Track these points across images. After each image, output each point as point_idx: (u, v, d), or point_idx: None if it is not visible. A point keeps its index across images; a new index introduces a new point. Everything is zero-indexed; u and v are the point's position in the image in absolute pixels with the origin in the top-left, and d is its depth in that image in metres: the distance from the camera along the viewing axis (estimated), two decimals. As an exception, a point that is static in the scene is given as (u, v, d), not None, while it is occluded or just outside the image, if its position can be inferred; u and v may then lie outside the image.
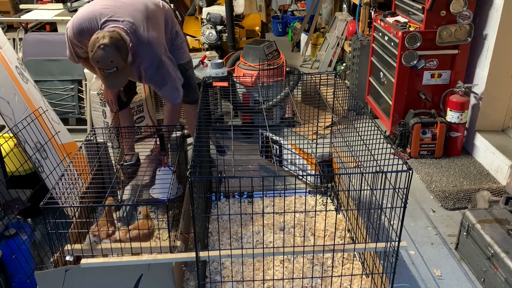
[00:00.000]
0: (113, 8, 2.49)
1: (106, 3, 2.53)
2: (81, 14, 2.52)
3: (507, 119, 3.61)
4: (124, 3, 2.54)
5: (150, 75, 2.59)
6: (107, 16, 2.46)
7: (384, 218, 1.93)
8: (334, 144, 2.89)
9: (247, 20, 5.08)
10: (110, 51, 2.27)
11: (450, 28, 3.36)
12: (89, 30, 2.47)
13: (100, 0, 2.59)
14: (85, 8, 2.56)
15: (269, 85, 3.78)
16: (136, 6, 2.56)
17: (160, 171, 2.64)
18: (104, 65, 2.30)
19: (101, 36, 2.28)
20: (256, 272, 2.29)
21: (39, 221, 2.34)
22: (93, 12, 2.48)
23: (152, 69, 2.57)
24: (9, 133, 2.39)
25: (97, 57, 2.28)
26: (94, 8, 2.51)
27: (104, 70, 2.32)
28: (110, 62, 2.29)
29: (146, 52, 2.52)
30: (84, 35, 2.50)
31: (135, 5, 2.56)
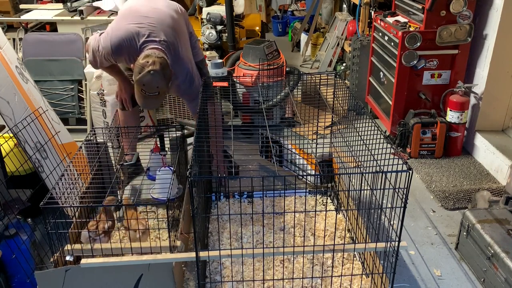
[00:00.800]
0: (148, 26, 2.55)
1: (139, 20, 2.57)
2: (119, 33, 2.55)
3: (507, 119, 3.61)
4: (155, 19, 2.59)
5: (184, 89, 2.71)
6: (144, 36, 2.52)
7: (384, 218, 1.93)
8: (334, 144, 2.89)
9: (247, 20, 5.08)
10: (158, 78, 2.36)
11: (450, 28, 3.36)
12: (128, 49, 2.55)
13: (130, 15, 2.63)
14: (119, 26, 2.59)
15: (269, 85, 3.78)
16: (165, 21, 2.62)
17: (160, 171, 2.64)
18: (149, 89, 2.39)
19: (151, 62, 2.35)
20: (256, 272, 2.29)
21: (39, 221, 2.34)
22: (131, 32, 2.54)
23: (185, 85, 2.68)
24: (9, 133, 2.39)
25: (145, 81, 2.36)
26: (130, 26, 2.56)
27: (146, 92, 2.41)
28: (156, 88, 2.39)
29: (180, 69, 2.63)
30: (122, 54, 2.59)
31: (164, 20, 2.62)
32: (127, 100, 2.94)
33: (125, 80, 2.90)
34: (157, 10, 2.66)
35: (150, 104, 2.56)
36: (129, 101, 2.94)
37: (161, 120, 4.25)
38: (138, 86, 2.42)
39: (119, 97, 2.95)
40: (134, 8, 2.70)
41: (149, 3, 2.72)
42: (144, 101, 2.48)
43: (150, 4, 2.71)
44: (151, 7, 2.67)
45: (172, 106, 4.16)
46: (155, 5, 2.70)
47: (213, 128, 2.77)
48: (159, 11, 2.65)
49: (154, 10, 2.65)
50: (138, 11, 2.64)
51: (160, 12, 2.66)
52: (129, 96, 2.93)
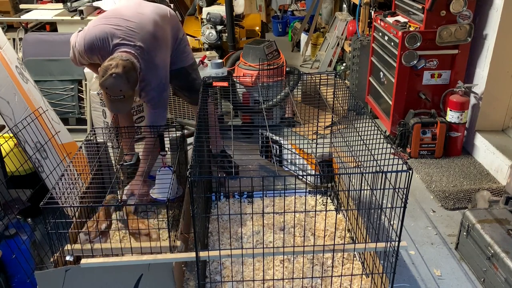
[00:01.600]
0: (125, 30, 2.50)
1: (117, 22, 2.52)
2: (94, 31, 2.52)
3: (507, 119, 3.61)
4: (136, 24, 2.53)
5: (152, 96, 2.60)
6: (119, 39, 2.47)
7: (384, 218, 1.93)
8: (334, 144, 2.89)
9: (247, 20, 5.08)
10: (121, 81, 2.30)
11: (450, 28, 3.36)
12: (100, 49, 2.50)
13: (112, 16, 2.58)
14: (97, 26, 2.54)
15: (269, 85, 3.78)
16: (146, 27, 2.55)
17: (160, 171, 2.64)
18: (112, 92, 2.34)
19: (114, 64, 2.30)
20: (256, 272, 2.29)
21: (39, 221, 2.34)
22: (106, 32, 2.49)
23: (155, 92, 2.59)
24: (9, 133, 2.39)
25: (107, 84, 2.31)
26: (106, 27, 2.51)
27: (111, 96, 2.36)
28: (119, 91, 2.33)
29: (153, 76, 2.55)
30: (94, 53, 2.54)
31: (145, 26, 2.55)
32: None
33: None
34: (141, 15, 2.59)
35: (117, 108, 2.48)
36: None
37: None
38: (103, 90, 2.38)
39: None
40: (118, 10, 2.65)
41: (136, 8, 2.66)
42: (110, 105, 2.42)
43: (136, 9, 2.64)
44: (136, 12, 2.61)
45: (172, 106, 4.16)
46: (141, 10, 2.64)
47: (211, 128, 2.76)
48: (142, 17, 2.59)
49: (138, 15, 2.58)
50: (120, 13, 2.59)
51: (143, 17, 2.59)
52: None
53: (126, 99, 2.39)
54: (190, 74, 2.96)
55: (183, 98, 3.36)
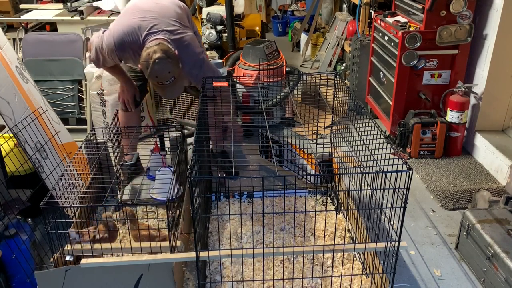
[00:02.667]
0: (150, 19, 2.56)
1: (140, 15, 2.59)
2: (121, 28, 2.57)
3: (507, 119, 3.61)
4: (157, 13, 2.61)
5: (196, 75, 2.67)
6: (146, 29, 2.54)
7: (384, 218, 1.93)
8: (334, 144, 2.89)
9: (247, 20, 5.08)
10: (165, 63, 2.35)
11: (450, 28, 3.36)
12: (131, 43, 2.57)
13: (132, 11, 2.65)
14: (121, 23, 2.60)
15: (269, 85, 3.77)
16: (168, 13, 2.64)
17: (160, 171, 2.64)
18: (162, 78, 2.38)
19: (152, 51, 2.35)
20: (256, 272, 2.29)
21: (39, 221, 2.34)
22: (133, 26, 2.55)
23: (196, 69, 2.66)
24: (9, 133, 2.39)
25: (155, 72, 2.36)
26: (132, 21, 2.57)
27: (163, 83, 2.41)
28: (168, 73, 2.38)
29: (187, 54, 2.61)
30: (125, 49, 2.60)
31: (166, 13, 2.64)
32: (129, 101, 2.94)
33: (127, 81, 2.90)
34: (160, 5, 2.68)
35: (171, 93, 2.55)
36: (132, 102, 2.95)
37: (161, 120, 4.25)
38: (153, 81, 2.43)
39: (121, 98, 2.95)
40: (136, 4, 2.71)
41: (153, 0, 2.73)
42: (164, 92, 2.49)
43: (153, 0, 2.72)
44: (154, 2, 2.69)
45: (172, 106, 4.16)
46: (158, 1, 2.72)
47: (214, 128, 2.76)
48: (161, 6, 2.67)
49: (157, 5, 2.66)
50: (140, 6, 2.66)
51: (163, 6, 2.67)
52: (132, 97, 2.93)
53: (177, 80, 2.46)
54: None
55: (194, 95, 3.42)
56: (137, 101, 3.02)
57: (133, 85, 2.95)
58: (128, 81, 2.90)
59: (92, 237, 2.09)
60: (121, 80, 2.91)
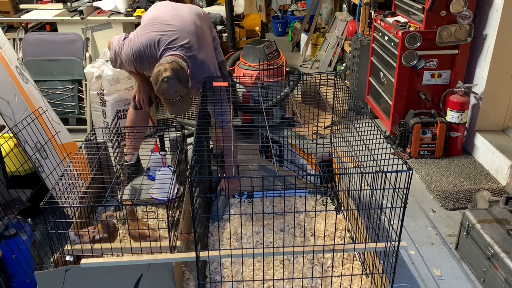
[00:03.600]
0: (169, 33, 2.60)
1: (160, 28, 2.62)
2: (140, 40, 2.61)
3: (507, 119, 3.61)
4: (177, 27, 2.63)
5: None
6: (165, 44, 2.57)
7: (384, 218, 1.93)
8: (334, 144, 2.89)
9: (247, 20, 5.08)
10: (173, 83, 2.40)
11: (450, 28, 3.36)
12: (148, 57, 2.61)
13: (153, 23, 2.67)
14: (142, 35, 2.63)
15: (269, 85, 3.77)
16: (188, 27, 2.66)
17: (160, 171, 2.64)
18: (169, 96, 2.44)
19: (162, 69, 2.39)
20: (256, 272, 2.29)
21: (39, 221, 2.34)
22: (152, 39, 2.59)
23: None
24: (9, 133, 2.39)
25: (162, 90, 2.41)
26: (151, 34, 2.60)
27: (169, 100, 2.46)
28: (174, 93, 2.43)
29: (202, 73, 2.65)
30: (143, 61, 2.64)
31: (185, 27, 2.66)
32: (144, 101, 2.96)
33: (143, 81, 2.92)
34: (180, 17, 2.69)
35: (178, 110, 2.60)
36: (147, 101, 2.98)
37: (161, 120, 4.25)
38: (160, 96, 2.48)
39: (136, 98, 2.98)
40: (157, 16, 2.73)
41: (173, 10, 2.75)
42: (171, 108, 2.54)
43: (174, 12, 2.74)
44: (174, 14, 2.70)
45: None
46: (179, 12, 2.74)
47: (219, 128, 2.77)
48: (181, 18, 2.69)
49: (177, 18, 2.68)
50: (160, 18, 2.68)
51: (183, 19, 2.69)
52: (147, 96, 2.97)
53: (184, 99, 2.50)
54: (221, 69, 3.06)
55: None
56: (151, 101, 3.06)
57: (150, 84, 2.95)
58: (144, 80, 2.92)
59: (92, 237, 2.09)
60: (138, 79, 2.93)
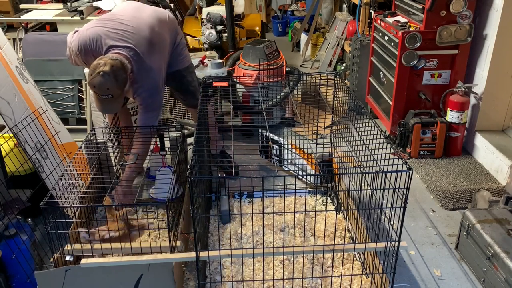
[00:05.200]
0: (119, 32, 2.50)
1: (112, 25, 2.53)
2: (87, 33, 2.52)
3: (507, 119, 3.61)
4: (131, 28, 2.53)
5: (144, 98, 2.59)
6: (112, 41, 2.47)
7: (384, 218, 1.93)
8: (334, 144, 2.89)
9: (247, 20, 5.08)
10: (108, 79, 2.30)
11: (450, 28, 3.36)
12: (93, 51, 2.51)
13: (106, 20, 2.58)
14: (91, 28, 2.55)
15: (269, 85, 3.78)
16: (142, 31, 2.55)
17: (160, 171, 2.64)
18: (100, 90, 2.33)
19: (102, 63, 2.30)
20: (256, 272, 2.29)
21: (39, 221, 2.34)
22: (99, 34, 2.49)
23: (147, 94, 2.58)
24: (9, 133, 2.39)
25: (95, 83, 2.31)
26: (99, 29, 2.51)
27: (99, 95, 2.36)
28: (106, 89, 2.33)
29: (146, 79, 2.54)
30: (88, 55, 2.54)
31: (140, 30, 2.55)
32: None
33: None
34: (138, 19, 2.59)
35: (105, 108, 2.48)
36: None
37: (161, 120, 4.25)
38: (91, 88, 2.38)
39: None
40: (114, 14, 2.66)
41: (134, 12, 2.65)
42: (99, 104, 2.42)
43: (134, 12, 2.64)
44: (132, 15, 2.61)
45: (172, 106, 4.16)
46: (138, 14, 2.64)
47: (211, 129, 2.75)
48: (138, 21, 2.58)
49: (134, 19, 2.58)
50: (117, 16, 2.59)
51: (140, 21, 2.58)
52: None
53: (115, 99, 2.39)
54: (185, 76, 2.95)
55: (179, 100, 3.35)
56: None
57: None
58: None
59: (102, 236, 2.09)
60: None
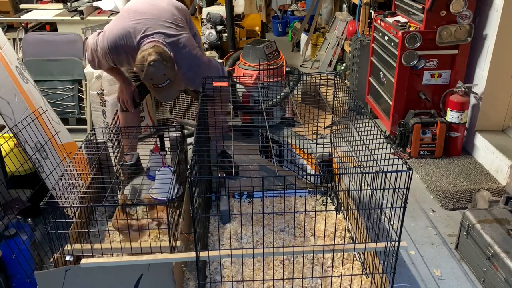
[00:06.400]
0: (144, 21, 2.54)
1: (135, 17, 2.57)
2: (115, 31, 2.55)
3: (507, 119, 3.61)
4: (153, 15, 2.58)
5: (192, 78, 2.64)
6: (141, 32, 2.51)
7: (384, 218, 1.93)
8: (334, 144, 2.89)
9: (247, 20, 5.08)
10: (160, 65, 2.34)
11: (450, 28, 3.36)
12: (125, 47, 2.55)
13: (127, 13, 2.63)
14: (116, 26, 2.58)
15: (269, 85, 3.77)
16: (164, 16, 2.61)
17: (160, 171, 2.64)
18: (158, 80, 2.37)
19: (147, 54, 2.34)
20: (256, 272, 2.29)
21: (39, 221, 2.34)
22: (127, 29, 2.53)
23: (191, 72, 2.63)
24: (9, 133, 2.39)
25: (150, 75, 2.35)
26: (126, 24, 2.55)
27: (158, 86, 2.40)
28: (163, 76, 2.37)
29: (183, 57, 2.59)
30: (120, 52, 2.58)
31: (162, 15, 2.61)
32: (128, 102, 2.93)
33: (125, 81, 2.90)
34: (155, 6, 2.65)
35: (167, 96, 2.54)
36: (131, 102, 2.94)
37: (161, 120, 4.25)
38: (148, 83, 2.42)
39: (120, 99, 2.95)
40: (131, 7, 2.69)
41: (149, 2, 2.71)
42: (160, 95, 2.48)
43: (149, 2, 2.70)
44: (150, 5, 2.66)
45: (172, 106, 4.16)
46: (155, 3, 2.69)
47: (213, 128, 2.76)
48: (157, 7, 2.64)
49: (152, 7, 2.64)
50: (135, 9, 2.64)
51: (159, 8, 2.65)
52: (131, 97, 2.93)
53: (173, 83, 2.44)
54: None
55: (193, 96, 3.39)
56: (136, 102, 3.01)
57: (132, 85, 2.94)
58: (126, 81, 2.90)
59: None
60: (119, 80, 2.90)
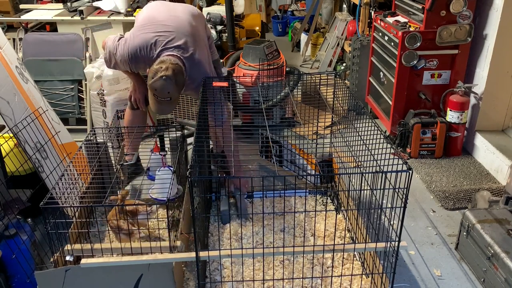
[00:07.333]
0: (166, 34, 2.58)
1: (156, 29, 2.61)
2: (137, 41, 2.60)
3: (507, 119, 3.61)
4: (173, 27, 2.62)
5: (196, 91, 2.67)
6: (162, 45, 2.56)
7: (384, 218, 1.93)
8: (334, 144, 2.89)
9: (247, 20, 5.08)
10: (170, 84, 2.39)
11: (450, 28, 3.36)
12: (145, 57, 2.61)
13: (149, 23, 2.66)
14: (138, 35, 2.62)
15: (269, 85, 3.77)
16: (184, 28, 2.65)
17: (160, 171, 2.64)
18: (161, 94, 2.42)
19: (164, 67, 2.39)
20: (256, 272, 2.29)
21: (39, 221, 2.34)
22: (148, 40, 2.58)
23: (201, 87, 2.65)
24: (9, 133, 2.39)
25: (157, 86, 2.39)
26: (148, 35, 2.59)
27: (158, 97, 2.44)
28: (167, 93, 2.42)
29: (198, 72, 2.64)
30: (138, 62, 2.65)
31: (182, 27, 2.65)
32: (140, 100, 2.96)
33: (139, 80, 2.92)
34: (176, 17, 2.69)
35: (162, 110, 2.58)
36: (143, 101, 2.97)
37: (161, 120, 4.25)
38: (151, 91, 2.46)
39: (132, 97, 2.97)
40: (152, 15, 2.72)
41: (168, 11, 2.74)
42: (157, 106, 2.52)
43: (169, 12, 2.73)
44: (170, 15, 2.70)
45: (172, 106, 4.15)
46: (174, 13, 2.73)
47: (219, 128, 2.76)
48: (177, 19, 2.68)
49: (172, 18, 2.68)
50: (156, 19, 2.67)
51: (179, 19, 2.68)
52: (143, 96, 2.95)
53: (172, 101, 2.49)
54: (216, 68, 3.05)
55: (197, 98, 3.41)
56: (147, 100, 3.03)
57: (145, 84, 2.95)
58: (139, 80, 2.91)
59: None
60: (133, 79, 2.92)
